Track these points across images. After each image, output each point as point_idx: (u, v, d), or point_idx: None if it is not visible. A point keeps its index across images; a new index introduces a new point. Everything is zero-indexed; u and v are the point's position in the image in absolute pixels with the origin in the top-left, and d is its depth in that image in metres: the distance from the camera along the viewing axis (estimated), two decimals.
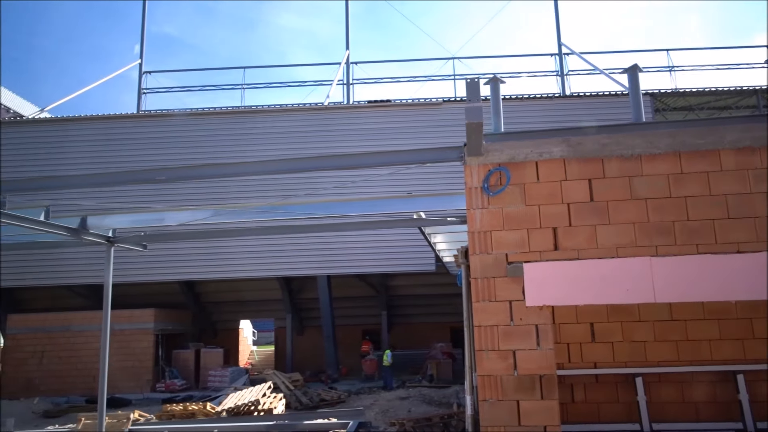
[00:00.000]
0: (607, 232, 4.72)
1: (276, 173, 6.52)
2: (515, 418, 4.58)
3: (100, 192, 16.66)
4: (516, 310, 4.69)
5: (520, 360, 4.63)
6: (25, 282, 19.18)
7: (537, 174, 4.92)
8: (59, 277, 19.13)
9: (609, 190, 4.78)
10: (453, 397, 14.43)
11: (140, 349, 18.39)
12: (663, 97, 20.02)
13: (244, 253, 18.68)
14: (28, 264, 18.73)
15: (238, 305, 22.44)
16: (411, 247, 17.86)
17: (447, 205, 7.85)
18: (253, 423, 11.35)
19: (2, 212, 6.58)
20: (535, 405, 4.57)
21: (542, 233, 4.80)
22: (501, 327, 4.70)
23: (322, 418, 11.65)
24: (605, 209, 4.76)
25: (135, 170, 6.76)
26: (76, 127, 20.02)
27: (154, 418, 12.26)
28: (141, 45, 24.46)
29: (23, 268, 18.77)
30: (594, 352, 6.80)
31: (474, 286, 4.81)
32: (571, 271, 4.64)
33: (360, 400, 14.91)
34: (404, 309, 21.80)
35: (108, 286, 8.98)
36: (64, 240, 8.36)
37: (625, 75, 6.81)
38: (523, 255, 4.78)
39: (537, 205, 4.85)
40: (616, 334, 6.79)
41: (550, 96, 19.78)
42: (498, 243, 4.84)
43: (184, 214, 8.54)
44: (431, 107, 19.58)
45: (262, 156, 18.26)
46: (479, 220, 4.90)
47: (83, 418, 11.19)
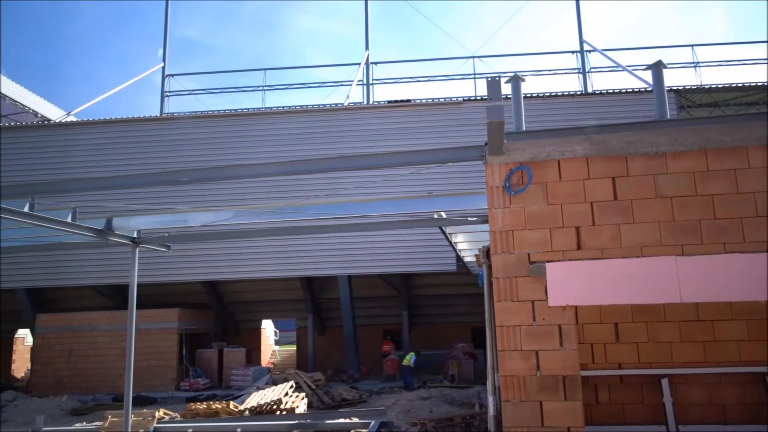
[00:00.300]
0: (631, 231, 4.65)
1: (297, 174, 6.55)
2: (538, 418, 4.54)
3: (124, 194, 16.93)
4: (538, 310, 4.65)
5: (543, 360, 4.59)
6: (53, 282, 19.58)
7: (559, 173, 4.87)
8: (86, 278, 19.48)
9: (633, 188, 4.72)
10: (475, 397, 14.36)
11: (164, 348, 18.64)
12: (688, 94, 19.67)
13: (265, 254, 18.83)
14: (56, 265, 19.11)
15: (260, 305, 22.63)
16: (432, 247, 17.82)
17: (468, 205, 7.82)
18: (276, 422, 11.43)
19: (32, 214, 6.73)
20: (559, 406, 4.53)
21: (565, 232, 4.75)
22: (523, 327, 4.67)
23: (343, 417, 11.69)
24: (629, 208, 4.70)
25: (158, 172, 6.86)
26: (101, 130, 20.38)
27: (178, 417, 12.43)
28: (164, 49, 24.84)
29: (52, 268, 19.16)
30: (618, 352, 6.71)
31: (496, 285, 4.78)
32: (594, 270, 4.59)
33: (381, 400, 14.92)
34: (425, 309, 21.76)
35: (133, 287, 9.12)
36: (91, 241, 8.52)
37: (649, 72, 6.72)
38: (546, 254, 4.74)
39: (559, 204, 4.81)
40: (641, 334, 6.69)
41: (572, 94, 19.57)
42: (520, 242, 4.81)
43: (207, 215, 8.64)
44: (451, 106, 19.51)
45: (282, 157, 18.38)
46: (501, 219, 4.88)
47: (110, 416, 11.39)
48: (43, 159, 19.93)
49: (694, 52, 22.30)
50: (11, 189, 6.36)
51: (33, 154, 20.08)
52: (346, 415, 11.91)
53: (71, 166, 19.57)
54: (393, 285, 20.92)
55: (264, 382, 17.67)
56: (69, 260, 19.02)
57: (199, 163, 19.00)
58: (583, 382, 4.91)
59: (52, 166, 19.70)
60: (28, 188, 6.80)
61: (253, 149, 19.13)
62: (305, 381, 16.14)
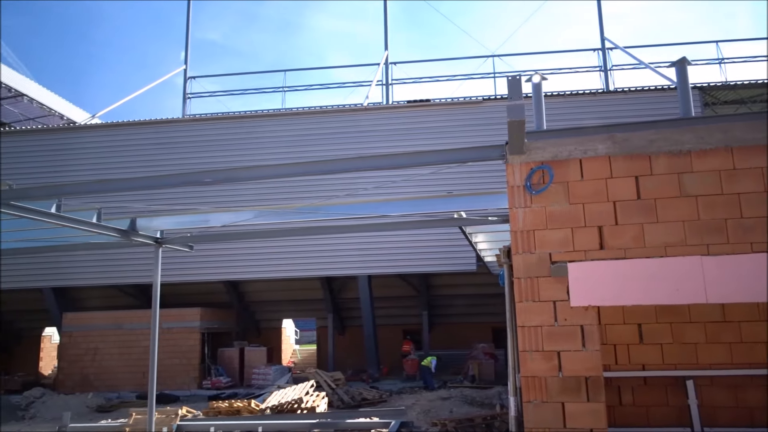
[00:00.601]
0: (655, 230, 4.59)
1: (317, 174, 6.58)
2: (560, 420, 4.50)
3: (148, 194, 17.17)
4: (560, 311, 4.62)
5: (565, 361, 4.55)
6: (79, 281, 19.95)
7: (581, 172, 4.83)
8: (110, 277, 19.81)
9: (657, 187, 4.66)
10: (495, 398, 14.29)
11: (187, 347, 18.87)
12: (712, 91, 19.32)
13: (286, 254, 18.95)
14: (82, 264, 19.47)
15: (280, 305, 22.78)
16: (452, 247, 17.76)
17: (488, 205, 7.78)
18: (297, 421, 11.50)
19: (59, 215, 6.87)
20: (581, 407, 4.49)
21: (587, 232, 4.71)
22: (545, 327, 4.63)
23: (364, 417, 11.72)
24: (653, 207, 4.64)
25: (181, 173, 6.95)
26: (124, 132, 20.71)
27: (201, 414, 12.57)
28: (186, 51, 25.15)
29: (77, 268, 19.52)
30: (642, 353, 6.62)
31: (517, 285, 4.76)
32: (617, 270, 4.54)
33: (401, 400, 14.92)
34: (445, 309, 21.71)
35: (156, 286, 9.25)
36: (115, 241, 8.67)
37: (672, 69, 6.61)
38: (568, 254, 4.70)
39: (581, 204, 4.76)
40: (666, 335, 6.59)
41: (593, 92, 19.36)
42: (541, 242, 4.77)
43: (229, 216, 8.73)
44: (471, 106, 19.43)
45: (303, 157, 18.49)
46: (522, 219, 4.85)
47: (134, 413, 11.57)
48: (69, 161, 20.31)
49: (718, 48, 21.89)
50: (39, 190, 6.50)
51: (59, 156, 20.48)
52: (367, 415, 11.94)
53: (96, 168, 19.92)
54: (413, 285, 20.91)
55: (285, 381, 17.79)
56: (94, 260, 19.36)
57: (220, 164, 19.19)
58: (605, 383, 4.86)
59: (77, 167, 20.06)
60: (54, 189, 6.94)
61: (274, 150, 19.27)
62: (325, 380, 16.21)
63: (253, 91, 26.20)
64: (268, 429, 11.17)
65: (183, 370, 18.66)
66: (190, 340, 18.93)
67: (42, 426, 13.58)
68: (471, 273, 18.31)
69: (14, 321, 23.12)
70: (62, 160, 20.37)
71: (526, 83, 5.91)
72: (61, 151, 20.58)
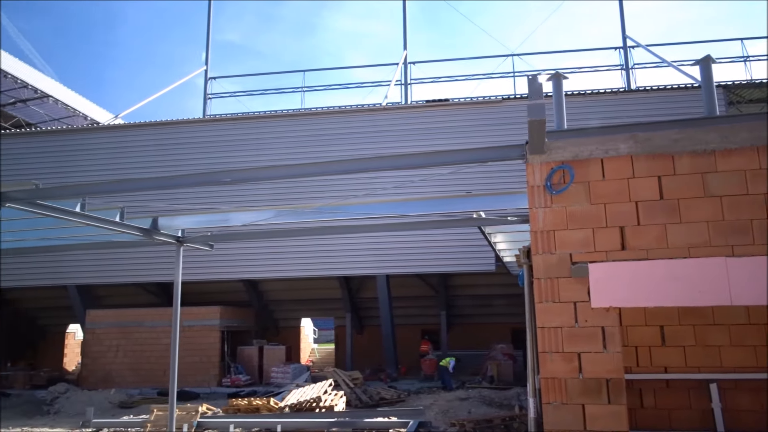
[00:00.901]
0: (678, 231, 4.53)
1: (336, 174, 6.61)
2: (581, 422, 4.46)
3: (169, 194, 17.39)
4: (581, 312, 4.57)
5: (586, 363, 4.51)
6: (102, 279, 20.28)
7: (602, 171, 4.78)
8: (132, 275, 20.10)
9: (680, 187, 4.59)
10: (514, 399, 14.19)
11: (207, 345, 19.07)
12: (737, 89, 18.97)
13: (305, 253, 19.04)
14: (105, 262, 19.78)
15: (299, 304, 22.90)
16: (470, 247, 17.69)
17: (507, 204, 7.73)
18: (315, 419, 11.56)
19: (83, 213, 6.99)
20: (602, 409, 4.44)
21: (608, 232, 4.66)
22: (565, 328, 4.59)
23: (382, 416, 11.73)
24: (676, 207, 4.57)
25: (201, 173, 7.02)
26: (147, 132, 20.99)
27: (220, 412, 12.69)
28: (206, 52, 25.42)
29: (100, 266, 19.84)
30: (664, 356, 6.53)
31: (537, 286, 4.72)
32: (639, 271, 4.48)
33: (419, 400, 14.90)
34: (464, 309, 21.63)
35: (178, 284, 9.36)
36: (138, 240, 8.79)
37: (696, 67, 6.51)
38: (588, 255, 4.65)
39: (603, 204, 4.71)
40: (688, 337, 6.50)
41: (614, 91, 19.13)
42: (562, 242, 4.73)
43: (248, 215, 8.79)
44: (491, 105, 19.33)
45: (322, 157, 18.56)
46: (542, 219, 4.81)
47: (155, 410, 11.73)
48: (93, 160, 20.65)
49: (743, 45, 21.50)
50: (64, 190, 6.62)
51: (83, 155, 20.83)
52: (385, 414, 11.95)
53: (119, 167, 20.22)
54: (431, 285, 20.87)
55: (303, 380, 17.88)
56: (117, 258, 19.66)
57: (240, 163, 19.36)
58: (627, 385, 4.80)
59: (101, 167, 20.39)
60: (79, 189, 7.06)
61: (293, 150, 19.38)
62: (344, 379, 16.25)
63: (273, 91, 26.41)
64: (287, 427, 11.24)
65: (203, 368, 18.86)
66: (210, 338, 19.12)
67: (66, 421, 13.83)
68: (490, 273, 18.22)
69: (39, 318, 23.59)
70: (86, 159, 20.71)
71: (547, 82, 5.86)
72: (85, 151, 20.93)
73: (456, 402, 14.32)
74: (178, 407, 10.67)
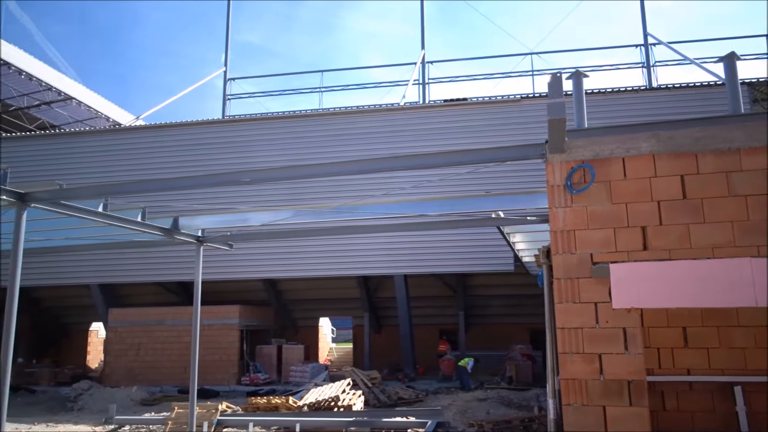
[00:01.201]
0: (701, 231, 4.45)
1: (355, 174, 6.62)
2: (601, 424, 4.41)
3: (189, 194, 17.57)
4: (602, 312, 4.52)
5: (607, 364, 4.46)
6: (123, 279, 20.58)
7: (624, 171, 4.72)
8: (153, 275, 20.36)
9: (704, 186, 4.51)
10: (533, 400, 14.09)
11: (226, 343, 19.24)
12: (761, 87, 18.59)
13: (323, 252, 19.12)
14: (127, 262, 20.06)
15: (317, 303, 22.99)
16: (489, 247, 17.61)
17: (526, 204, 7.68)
18: (334, 418, 11.59)
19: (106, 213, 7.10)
20: (623, 411, 4.38)
21: (630, 232, 4.60)
22: (586, 329, 4.54)
23: (400, 416, 11.73)
24: (699, 207, 4.50)
25: (221, 173, 7.08)
26: (167, 134, 21.24)
27: (240, 410, 12.80)
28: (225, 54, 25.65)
29: (123, 265, 20.13)
30: (687, 357, 6.43)
31: (557, 286, 4.68)
32: (661, 272, 4.42)
33: (438, 400, 14.87)
34: (482, 309, 21.52)
35: (198, 283, 9.46)
36: (159, 239, 8.90)
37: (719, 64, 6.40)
38: (609, 255, 4.60)
39: (624, 203, 4.66)
40: (712, 339, 6.39)
41: (636, 89, 18.88)
42: (582, 242, 4.68)
43: (267, 215, 8.85)
44: (510, 104, 19.21)
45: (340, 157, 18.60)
46: (562, 219, 4.77)
47: (176, 407, 11.86)
48: (115, 161, 20.96)
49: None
50: (87, 190, 6.73)
51: (106, 156, 21.15)
52: (403, 414, 11.95)
53: (140, 168, 20.50)
54: (449, 285, 20.81)
55: (321, 379, 17.95)
56: (139, 258, 19.93)
57: (259, 164, 19.49)
58: (649, 387, 4.73)
59: (122, 167, 20.68)
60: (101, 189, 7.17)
61: (312, 150, 19.46)
62: (362, 379, 16.28)
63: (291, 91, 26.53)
64: (305, 426, 11.29)
65: (223, 366, 19.03)
66: (229, 337, 19.29)
67: (90, 417, 14.05)
68: (509, 273, 18.11)
69: (63, 316, 24.02)
70: (108, 160, 21.03)
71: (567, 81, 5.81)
72: (107, 152, 21.25)
73: (474, 402, 14.26)
74: (198, 405, 10.78)
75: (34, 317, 22.65)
